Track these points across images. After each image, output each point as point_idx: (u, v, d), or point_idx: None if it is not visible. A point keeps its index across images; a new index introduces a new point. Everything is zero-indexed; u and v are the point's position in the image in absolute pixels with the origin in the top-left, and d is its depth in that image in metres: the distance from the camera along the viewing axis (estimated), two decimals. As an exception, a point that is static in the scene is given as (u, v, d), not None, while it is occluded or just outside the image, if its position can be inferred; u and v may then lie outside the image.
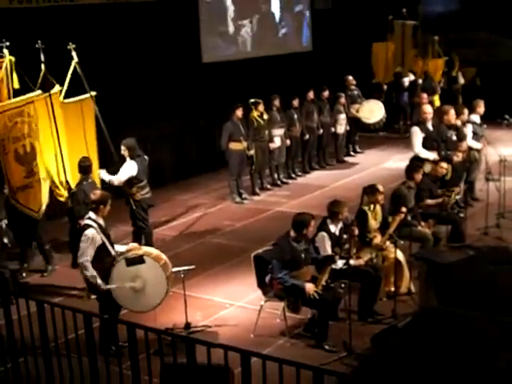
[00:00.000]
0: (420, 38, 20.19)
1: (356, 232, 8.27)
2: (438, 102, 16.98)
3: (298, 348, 7.88)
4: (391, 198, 9.51)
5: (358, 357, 7.46)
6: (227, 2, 16.78)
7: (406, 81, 19.00)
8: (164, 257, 8.00)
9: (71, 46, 9.97)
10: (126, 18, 13.98)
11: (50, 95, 9.78)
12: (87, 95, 10.30)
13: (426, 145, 11.07)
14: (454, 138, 11.37)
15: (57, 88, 9.99)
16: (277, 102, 14.25)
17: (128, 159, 10.15)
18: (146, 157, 10.53)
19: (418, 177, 9.72)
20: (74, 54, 10.04)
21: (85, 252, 7.56)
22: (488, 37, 21.24)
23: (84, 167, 9.80)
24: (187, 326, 8.23)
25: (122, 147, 10.22)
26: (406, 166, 10.05)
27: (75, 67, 10.08)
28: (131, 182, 10.14)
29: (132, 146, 10.25)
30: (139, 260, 7.65)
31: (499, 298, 6.46)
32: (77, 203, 9.51)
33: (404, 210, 8.85)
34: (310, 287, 7.75)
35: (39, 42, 9.77)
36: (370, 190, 8.93)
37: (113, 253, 7.77)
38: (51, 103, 9.77)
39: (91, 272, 7.54)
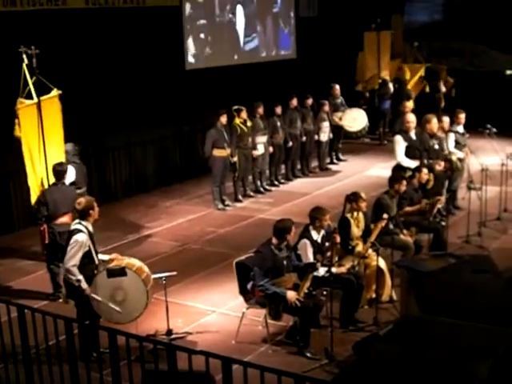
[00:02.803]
0: (400, 46, 20.44)
1: (338, 239, 8.27)
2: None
3: (279, 355, 7.87)
4: (374, 206, 9.55)
5: (339, 364, 7.48)
6: (212, 9, 16.75)
7: (391, 88, 19.10)
8: (146, 269, 7.95)
9: (33, 50, 9.68)
10: (111, 23, 13.94)
11: (39, 100, 9.73)
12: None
13: (409, 154, 11.10)
14: (437, 146, 11.44)
15: (55, 91, 9.94)
16: (260, 109, 14.27)
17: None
18: (84, 165, 10.61)
19: (401, 188, 9.74)
20: (24, 57, 9.61)
21: (73, 257, 7.52)
22: (472, 47, 21.41)
23: (57, 172, 9.57)
24: (169, 332, 8.20)
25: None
26: (390, 176, 10.08)
27: (28, 70, 9.67)
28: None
29: (68, 151, 10.31)
30: (121, 272, 7.62)
31: (480, 306, 6.49)
32: (41, 203, 9.45)
33: (385, 216, 8.87)
34: (291, 295, 7.74)
35: (33, 47, 9.60)
36: (352, 198, 8.95)
37: (96, 261, 7.74)
38: (39, 107, 9.70)
39: (77, 276, 7.50)
